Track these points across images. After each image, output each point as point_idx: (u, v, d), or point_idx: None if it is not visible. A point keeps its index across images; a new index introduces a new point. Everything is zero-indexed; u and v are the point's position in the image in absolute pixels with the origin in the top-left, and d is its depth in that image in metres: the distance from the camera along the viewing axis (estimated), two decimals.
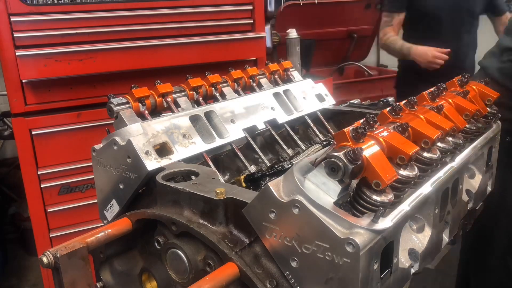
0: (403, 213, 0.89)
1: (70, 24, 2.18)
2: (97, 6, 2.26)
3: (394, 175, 0.81)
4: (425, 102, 1.11)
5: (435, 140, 0.93)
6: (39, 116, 2.26)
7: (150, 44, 2.34)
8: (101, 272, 1.19)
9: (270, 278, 0.89)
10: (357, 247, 0.76)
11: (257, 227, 0.88)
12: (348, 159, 0.78)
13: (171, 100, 1.35)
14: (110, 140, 1.16)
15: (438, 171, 1.04)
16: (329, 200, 0.81)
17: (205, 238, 0.93)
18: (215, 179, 1.06)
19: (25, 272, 3.37)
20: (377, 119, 0.91)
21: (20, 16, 2.09)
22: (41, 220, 2.34)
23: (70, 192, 2.38)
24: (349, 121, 1.44)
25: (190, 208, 1.00)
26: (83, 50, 2.22)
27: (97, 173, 1.23)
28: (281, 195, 0.83)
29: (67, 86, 2.30)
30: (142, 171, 1.11)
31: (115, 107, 1.25)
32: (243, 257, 0.91)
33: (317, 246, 0.80)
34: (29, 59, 2.13)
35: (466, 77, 1.27)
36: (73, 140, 2.32)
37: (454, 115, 1.07)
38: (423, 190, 0.97)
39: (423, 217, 1.03)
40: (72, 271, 0.92)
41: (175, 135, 1.21)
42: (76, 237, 0.97)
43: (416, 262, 0.99)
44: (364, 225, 0.79)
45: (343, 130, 0.84)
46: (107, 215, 1.24)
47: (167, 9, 2.34)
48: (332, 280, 0.80)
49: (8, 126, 3.33)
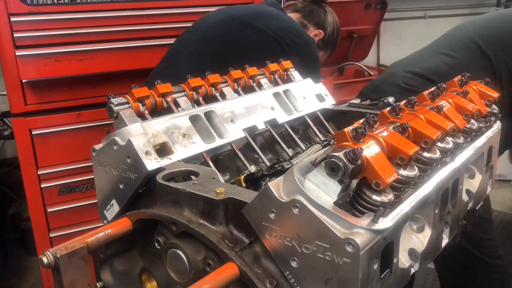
0: (403, 213, 0.89)
1: (70, 24, 2.19)
2: (97, 6, 2.26)
3: (394, 175, 0.81)
4: (425, 102, 1.11)
5: (435, 140, 0.93)
6: (39, 116, 2.26)
7: (150, 44, 2.34)
8: (101, 272, 1.19)
9: (270, 278, 0.89)
10: (357, 247, 0.76)
11: (257, 227, 0.88)
12: (348, 159, 0.78)
13: (171, 100, 1.35)
14: (110, 140, 1.16)
15: (438, 171, 1.04)
16: (329, 200, 0.81)
17: (205, 238, 0.93)
18: (215, 179, 1.06)
19: (25, 272, 3.37)
20: (377, 119, 0.91)
21: (20, 16, 2.09)
22: (41, 220, 2.34)
23: (70, 192, 2.38)
24: (349, 121, 1.44)
25: (190, 208, 1.00)
26: (83, 50, 2.22)
27: (97, 173, 1.23)
28: (281, 195, 0.83)
29: (67, 86, 2.31)
30: (142, 171, 1.11)
31: (115, 107, 1.25)
32: (243, 257, 0.91)
33: (317, 246, 0.80)
34: (29, 59, 2.13)
35: (466, 77, 1.27)
36: (73, 140, 2.32)
37: (454, 115, 1.07)
38: (423, 190, 0.97)
39: (423, 217, 1.03)
40: (72, 271, 0.92)
41: (175, 135, 1.21)
42: (76, 237, 0.97)
43: (416, 262, 0.99)
44: (364, 225, 0.79)
45: (343, 130, 0.84)
46: (107, 215, 1.24)
47: (167, 9, 2.35)
48: (332, 280, 0.80)
49: (8, 126, 3.33)
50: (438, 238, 1.08)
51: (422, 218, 1.03)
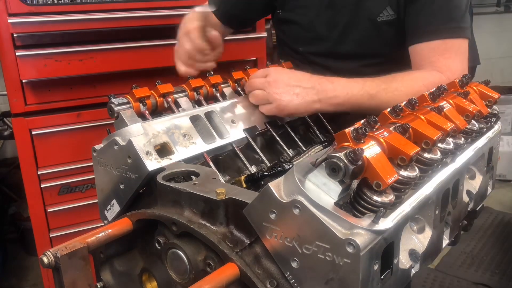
0: (404, 213, 0.89)
1: (70, 24, 2.18)
2: (97, 6, 2.26)
3: (395, 175, 0.81)
4: (426, 103, 1.11)
5: (436, 140, 0.93)
6: (39, 116, 2.26)
7: (150, 44, 2.34)
8: (102, 272, 1.19)
9: (271, 279, 0.89)
10: (357, 247, 0.76)
11: (258, 227, 0.88)
12: (349, 159, 0.78)
13: (171, 100, 1.35)
14: (111, 140, 1.16)
15: (438, 172, 1.04)
16: (330, 201, 0.81)
17: (206, 239, 0.93)
18: (215, 180, 1.06)
19: (25, 272, 3.37)
20: (378, 120, 0.91)
21: (20, 16, 2.09)
22: (41, 220, 2.34)
23: (70, 192, 2.38)
24: (350, 122, 1.44)
25: (191, 208, 1.00)
26: (83, 50, 2.22)
27: (98, 173, 1.23)
28: (282, 196, 0.83)
29: (67, 86, 2.30)
30: (143, 171, 1.11)
31: (116, 107, 1.25)
32: (244, 258, 0.91)
33: (318, 246, 0.80)
34: (29, 59, 2.13)
35: (467, 78, 1.27)
36: (73, 140, 2.32)
37: (455, 116, 1.07)
38: (424, 191, 0.97)
39: (424, 218, 1.03)
40: (73, 271, 0.92)
41: (175, 135, 1.21)
42: (77, 237, 0.97)
43: (417, 263, 0.99)
44: (365, 225, 0.79)
45: (344, 131, 0.84)
46: (108, 215, 1.24)
47: (167, 10, 2.34)
48: (332, 280, 0.80)
49: (8, 126, 3.33)
50: (438, 239, 1.08)
51: (423, 219, 1.03)
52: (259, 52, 2.63)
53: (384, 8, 1.58)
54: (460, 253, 3.44)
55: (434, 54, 1.49)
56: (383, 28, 1.60)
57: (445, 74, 1.46)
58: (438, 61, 1.48)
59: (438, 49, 1.49)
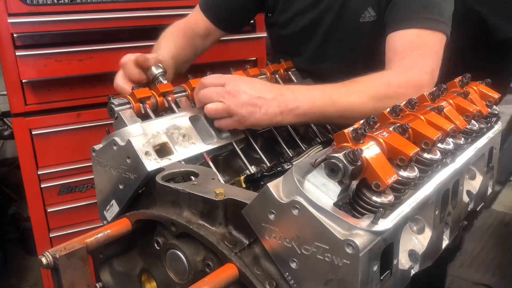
0: (403, 214, 0.89)
1: (70, 24, 2.18)
2: (97, 6, 2.26)
3: (394, 176, 0.81)
4: (426, 103, 1.11)
5: (436, 141, 0.93)
6: (39, 116, 2.26)
7: (150, 44, 2.33)
8: (101, 272, 1.19)
9: (270, 279, 0.89)
10: (356, 248, 0.76)
11: (257, 228, 0.88)
12: (348, 160, 0.78)
13: (171, 100, 1.35)
14: (110, 140, 1.16)
15: (438, 172, 1.03)
16: (329, 201, 0.81)
17: (205, 239, 0.93)
18: (215, 180, 1.06)
19: (25, 272, 3.37)
20: (377, 120, 0.91)
21: (20, 16, 2.09)
22: (41, 220, 2.34)
23: (70, 192, 2.38)
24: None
25: (190, 209, 1.00)
26: (83, 50, 2.22)
27: (97, 173, 1.23)
28: (281, 196, 0.83)
29: (67, 86, 2.30)
30: (142, 172, 1.11)
31: (116, 107, 1.25)
32: (243, 258, 0.91)
33: (317, 247, 0.80)
34: (29, 59, 2.13)
35: (467, 78, 1.27)
36: (73, 140, 2.32)
37: (454, 116, 1.06)
38: (424, 191, 0.97)
39: (423, 218, 1.02)
40: (72, 272, 0.92)
41: (175, 135, 1.21)
42: (76, 238, 0.97)
43: (416, 264, 0.98)
44: (364, 226, 0.79)
45: (343, 131, 0.84)
46: (107, 215, 1.24)
47: (167, 10, 2.34)
48: (331, 281, 0.80)
49: (8, 126, 3.32)
50: (438, 239, 1.08)
51: (422, 219, 1.03)
52: (259, 52, 2.63)
53: (366, 9, 1.58)
54: (460, 253, 3.43)
55: (406, 48, 1.44)
56: (365, 29, 1.61)
57: (412, 71, 1.40)
58: (409, 57, 1.42)
59: (412, 42, 1.44)
